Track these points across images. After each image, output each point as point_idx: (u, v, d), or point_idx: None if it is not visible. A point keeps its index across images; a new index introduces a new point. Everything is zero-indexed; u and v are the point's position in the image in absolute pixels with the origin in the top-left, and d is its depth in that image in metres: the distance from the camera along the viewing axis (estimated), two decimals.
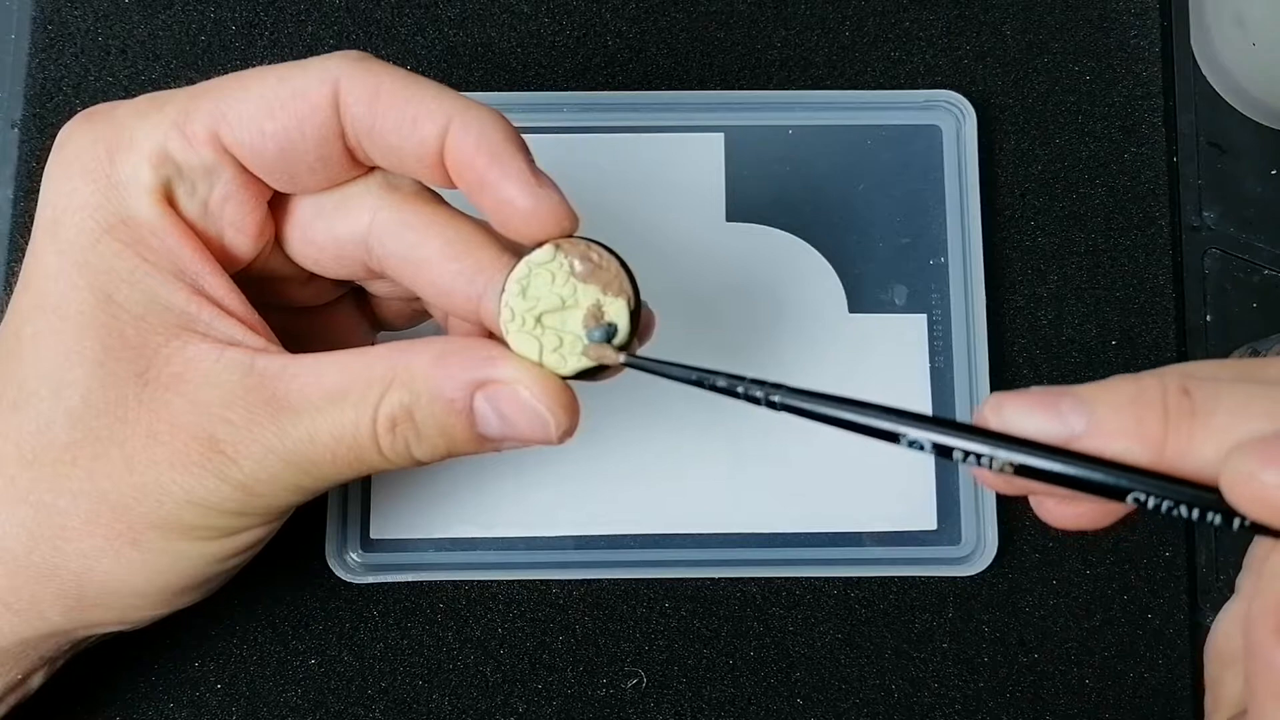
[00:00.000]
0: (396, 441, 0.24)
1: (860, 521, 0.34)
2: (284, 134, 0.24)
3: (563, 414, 0.24)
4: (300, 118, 0.24)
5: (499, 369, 0.24)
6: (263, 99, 0.24)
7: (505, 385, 0.24)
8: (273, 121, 0.24)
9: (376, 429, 0.24)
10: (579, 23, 0.37)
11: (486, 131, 0.24)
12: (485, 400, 0.24)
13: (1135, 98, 0.37)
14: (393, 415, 0.24)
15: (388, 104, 0.24)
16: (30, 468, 0.24)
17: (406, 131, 0.24)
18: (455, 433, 0.24)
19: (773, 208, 0.35)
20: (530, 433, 0.24)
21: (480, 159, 0.23)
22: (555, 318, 0.24)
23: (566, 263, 0.24)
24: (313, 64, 0.24)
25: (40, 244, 0.25)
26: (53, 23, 0.36)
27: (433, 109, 0.23)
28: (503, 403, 0.24)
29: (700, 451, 0.34)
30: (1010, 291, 0.36)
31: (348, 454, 0.24)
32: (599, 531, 0.34)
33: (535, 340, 0.24)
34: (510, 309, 0.24)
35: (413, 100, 0.24)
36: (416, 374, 0.24)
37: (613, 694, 0.34)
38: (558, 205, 0.24)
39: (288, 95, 0.24)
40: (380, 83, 0.24)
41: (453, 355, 0.24)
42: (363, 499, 0.34)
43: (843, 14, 0.37)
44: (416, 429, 0.24)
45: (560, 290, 0.24)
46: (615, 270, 0.24)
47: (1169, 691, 0.34)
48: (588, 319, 0.24)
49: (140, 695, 0.33)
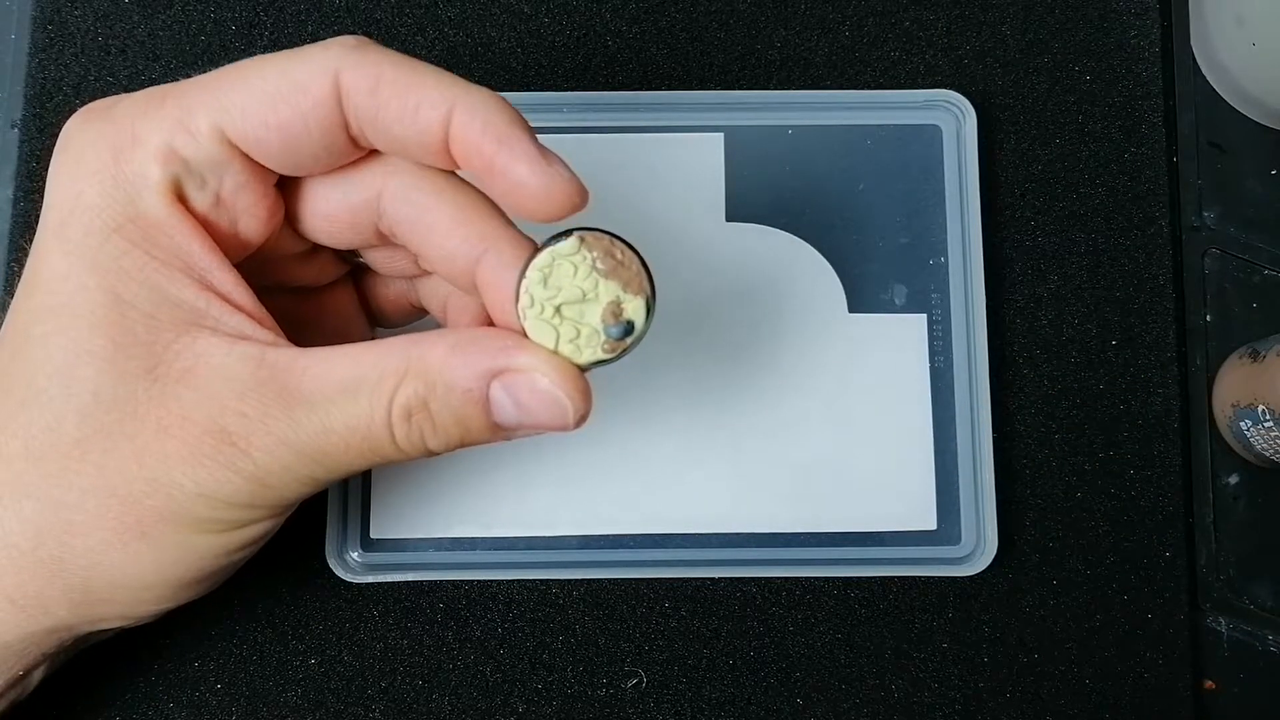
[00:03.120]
0: (412, 432, 0.24)
1: (860, 521, 0.34)
2: (287, 127, 0.24)
3: (580, 400, 0.24)
4: (303, 111, 0.24)
5: (516, 358, 0.24)
6: (264, 93, 0.24)
7: (523, 374, 0.24)
8: (275, 115, 0.24)
9: (391, 420, 0.24)
10: (579, 23, 0.37)
11: (490, 115, 0.24)
12: (502, 389, 0.24)
13: (1135, 98, 0.37)
14: (408, 406, 0.24)
15: (389, 93, 0.24)
16: (38, 463, 0.24)
17: (409, 119, 0.24)
18: (471, 422, 0.24)
19: (773, 208, 0.35)
20: (548, 420, 0.24)
21: (487, 143, 0.24)
22: (575, 309, 0.24)
23: (590, 257, 0.24)
24: (312, 53, 0.24)
25: (47, 245, 0.25)
26: (53, 23, 0.36)
27: (434, 96, 0.24)
28: (520, 391, 0.24)
29: (701, 452, 0.34)
30: (1010, 291, 0.36)
31: (362, 445, 0.24)
32: (599, 531, 0.34)
33: (553, 329, 0.24)
34: (530, 295, 0.24)
35: (414, 87, 0.24)
36: (431, 364, 0.24)
37: (613, 694, 0.34)
38: (569, 182, 0.24)
39: (289, 89, 0.24)
40: (381, 71, 0.24)
41: (468, 345, 0.24)
42: (363, 499, 0.34)
43: (843, 14, 0.37)
44: (432, 419, 0.24)
45: (582, 283, 0.24)
46: (637, 269, 0.24)
47: (1169, 691, 0.34)
48: (606, 314, 0.24)
49: (140, 695, 0.33)
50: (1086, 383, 0.35)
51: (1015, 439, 0.35)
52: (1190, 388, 0.36)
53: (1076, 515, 0.35)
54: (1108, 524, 0.35)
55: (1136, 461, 0.35)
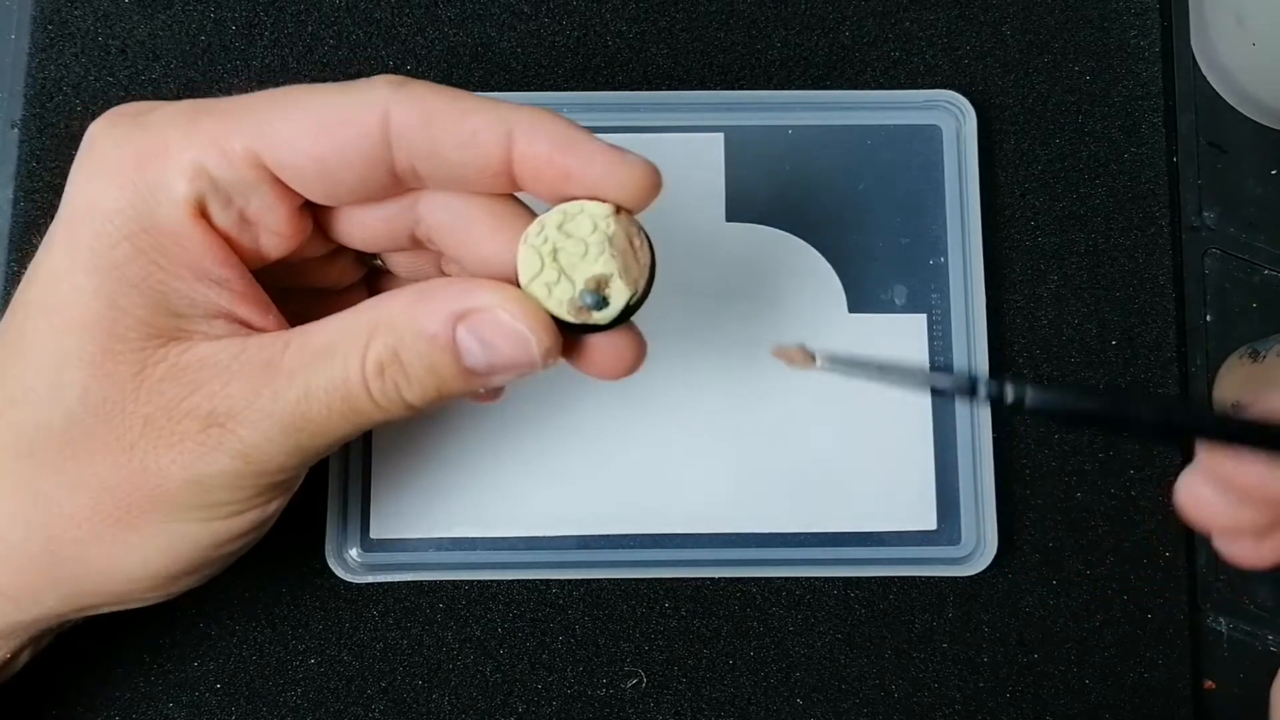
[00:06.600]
0: (386, 385, 0.24)
1: (860, 521, 0.34)
2: (328, 159, 0.24)
3: (544, 334, 0.24)
4: (346, 143, 0.24)
5: (476, 297, 0.24)
6: (307, 123, 0.24)
7: (485, 311, 0.24)
8: (316, 146, 0.24)
9: (365, 375, 0.24)
10: (579, 23, 0.37)
11: (551, 129, 0.24)
12: (467, 331, 0.24)
13: (1135, 98, 0.37)
14: (380, 360, 0.24)
15: (443, 125, 0.24)
16: (26, 459, 0.25)
17: (468, 147, 0.24)
18: (442, 369, 0.24)
19: (773, 208, 0.35)
20: (514, 355, 0.24)
21: (557, 154, 0.24)
22: (569, 258, 0.24)
23: (613, 228, 0.24)
24: (357, 88, 0.24)
25: (55, 240, 0.25)
26: (53, 23, 0.36)
27: (490, 121, 0.24)
28: (484, 329, 0.24)
29: (701, 451, 0.34)
30: (1010, 291, 0.36)
31: (341, 406, 0.24)
32: (599, 531, 0.34)
33: (539, 261, 0.24)
34: (542, 224, 0.24)
35: (468, 115, 0.24)
36: (397, 315, 0.24)
37: (613, 694, 0.34)
38: (645, 166, 0.24)
39: (334, 121, 0.24)
40: (430, 105, 0.24)
41: (430, 292, 0.24)
42: (363, 499, 0.34)
43: (843, 14, 0.37)
44: (404, 370, 0.24)
45: (589, 241, 0.24)
46: (643, 266, 0.25)
47: (1169, 691, 0.34)
48: (591, 281, 0.24)
49: (140, 695, 0.33)
50: (1086, 383, 0.35)
51: (1015, 439, 0.35)
52: (1190, 388, 0.36)
53: (1076, 515, 0.35)
54: (1108, 524, 0.35)
55: (1136, 461, 0.35)
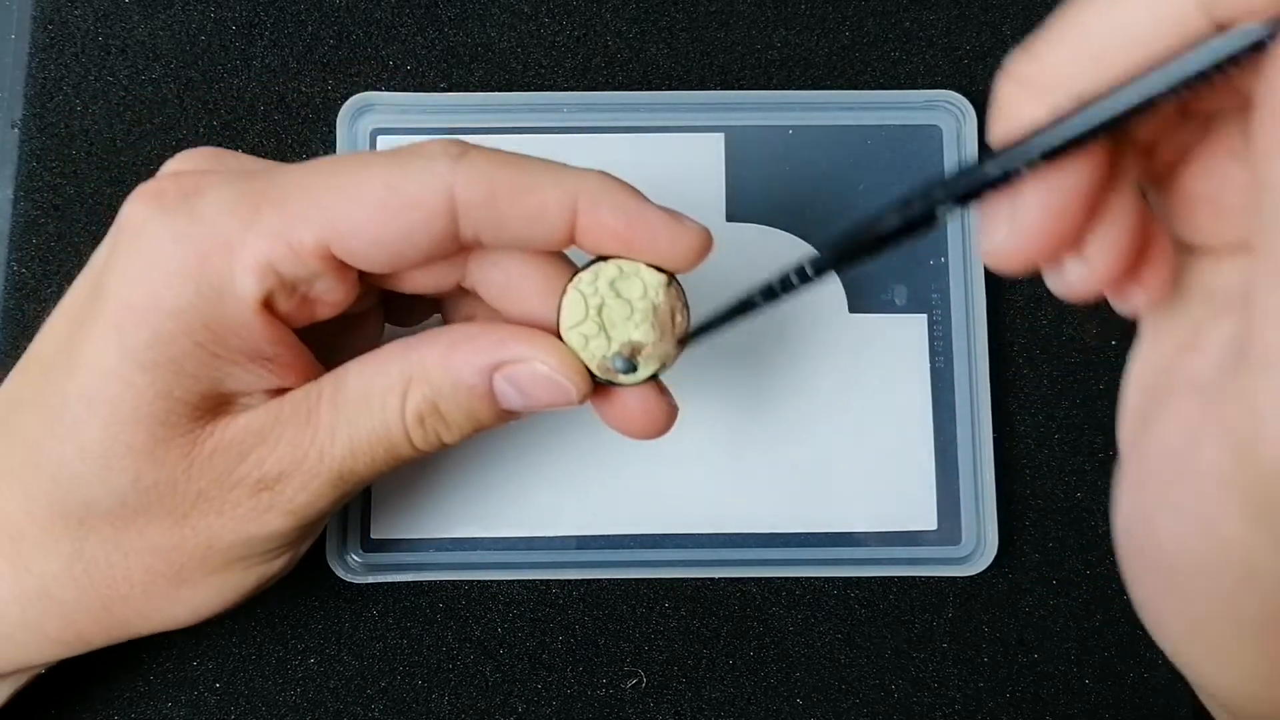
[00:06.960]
0: (428, 433, 0.25)
1: (860, 521, 0.34)
2: (397, 243, 0.24)
3: (580, 380, 0.25)
4: (413, 227, 0.24)
5: (512, 349, 0.25)
6: (373, 207, 0.24)
7: (522, 363, 0.25)
8: (385, 230, 0.24)
9: (406, 425, 0.25)
10: (579, 23, 0.37)
11: (616, 201, 0.24)
12: (504, 380, 0.25)
13: None
14: (419, 411, 0.25)
15: (508, 201, 0.24)
16: (77, 528, 0.25)
17: (535, 221, 0.24)
18: (480, 414, 0.25)
19: (773, 208, 0.35)
20: (552, 400, 0.25)
21: (620, 225, 0.24)
22: (610, 316, 0.25)
23: (661, 298, 0.25)
24: (416, 162, 0.24)
25: (104, 335, 0.24)
26: (53, 23, 0.36)
27: (556, 194, 0.24)
28: (522, 379, 0.25)
29: (701, 451, 0.34)
30: (1010, 291, 0.36)
31: (385, 455, 0.25)
32: (599, 531, 0.34)
33: (584, 311, 0.25)
34: (595, 275, 0.25)
35: (533, 189, 0.24)
36: (431, 368, 0.25)
37: (613, 694, 0.34)
38: (700, 233, 0.25)
39: (399, 204, 0.23)
40: (494, 180, 0.24)
41: (464, 343, 0.25)
42: (363, 499, 0.34)
43: (843, 14, 0.37)
44: (443, 418, 0.25)
45: (637, 306, 0.25)
46: (678, 336, 0.25)
47: (1169, 691, 0.34)
48: (626, 348, 0.25)
49: (139, 695, 0.33)
50: (1086, 383, 0.35)
51: (1015, 439, 0.35)
52: None
53: (1076, 515, 0.35)
54: (1108, 524, 0.35)
55: None
